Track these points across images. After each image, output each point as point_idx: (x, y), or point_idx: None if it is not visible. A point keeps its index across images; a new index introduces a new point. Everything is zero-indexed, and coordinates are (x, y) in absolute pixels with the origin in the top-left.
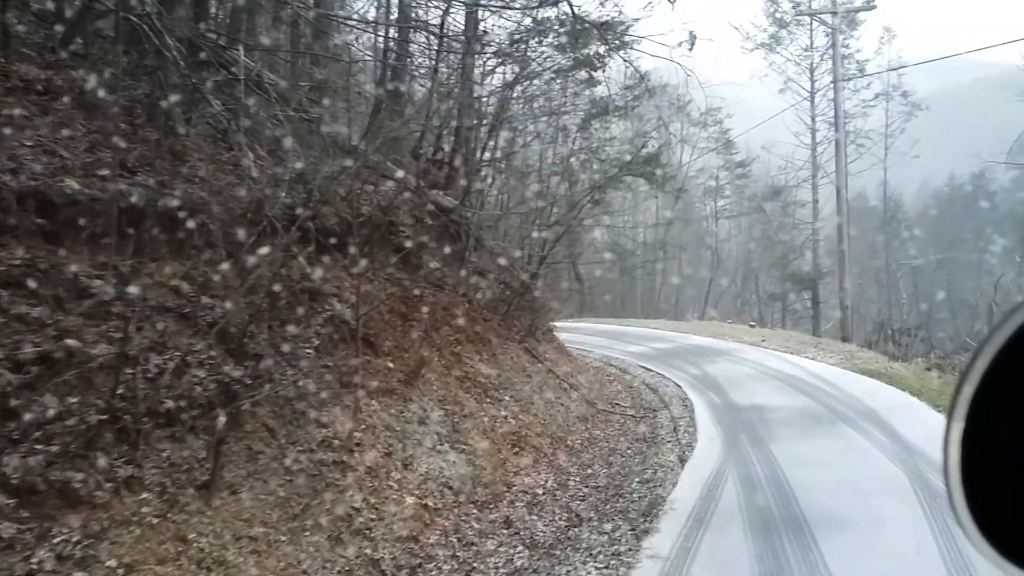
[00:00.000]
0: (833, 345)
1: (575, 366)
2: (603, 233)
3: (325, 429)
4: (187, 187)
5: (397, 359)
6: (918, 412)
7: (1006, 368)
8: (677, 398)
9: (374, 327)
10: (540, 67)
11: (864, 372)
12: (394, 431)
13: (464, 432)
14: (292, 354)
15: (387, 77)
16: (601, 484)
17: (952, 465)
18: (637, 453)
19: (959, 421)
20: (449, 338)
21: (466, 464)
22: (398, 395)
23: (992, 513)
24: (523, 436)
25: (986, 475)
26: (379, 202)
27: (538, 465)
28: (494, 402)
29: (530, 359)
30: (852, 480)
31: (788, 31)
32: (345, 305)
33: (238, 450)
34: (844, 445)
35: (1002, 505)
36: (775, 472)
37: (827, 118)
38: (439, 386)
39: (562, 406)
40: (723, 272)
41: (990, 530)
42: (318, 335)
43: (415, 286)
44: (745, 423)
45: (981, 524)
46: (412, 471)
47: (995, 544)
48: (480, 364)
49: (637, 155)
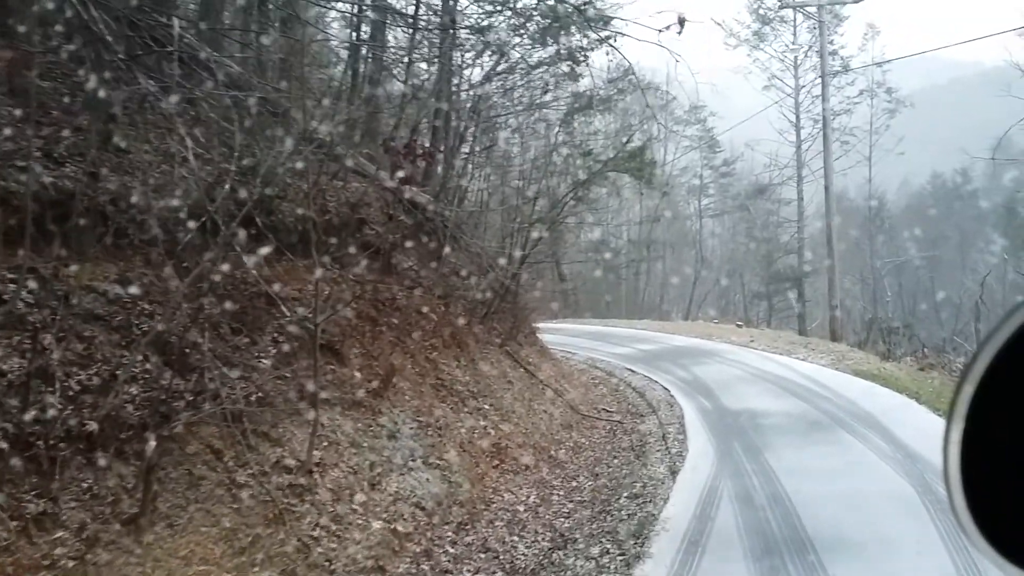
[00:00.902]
0: (823, 345)
1: (559, 370)
2: (588, 231)
3: (280, 449)
4: (124, 179)
5: (365, 368)
6: (917, 416)
7: (1006, 368)
8: (665, 403)
9: (339, 333)
10: (520, 57)
11: (857, 373)
12: (360, 448)
13: (439, 446)
14: (244, 365)
15: (358, 63)
16: (587, 499)
17: (952, 465)
18: (625, 463)
19: (959, 421)
20: (424, 343)
21: (441, 481)
22: (366, 407)
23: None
24: (503, 448)
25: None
26: (348, 198)
27: (519, 479)
28: (472, 411)
29: (512, 363)
30: (857, 494)
31: (772, 27)
32: (307, 310)
33: (177, 476)
34: (844, 454)
35: (1002, 505)
36: (773, 486)
37: (812, 115)
38: (412, 396)
39: (545, 413)
40: (708, 271)
41: (990, 530)
42: (275, 343)
43: (387, 288)
44: (738, 430)
45: (981, 524)
46: (380, 492)
47: (995, 544)
48: (457, 371)
49: (622, 150)
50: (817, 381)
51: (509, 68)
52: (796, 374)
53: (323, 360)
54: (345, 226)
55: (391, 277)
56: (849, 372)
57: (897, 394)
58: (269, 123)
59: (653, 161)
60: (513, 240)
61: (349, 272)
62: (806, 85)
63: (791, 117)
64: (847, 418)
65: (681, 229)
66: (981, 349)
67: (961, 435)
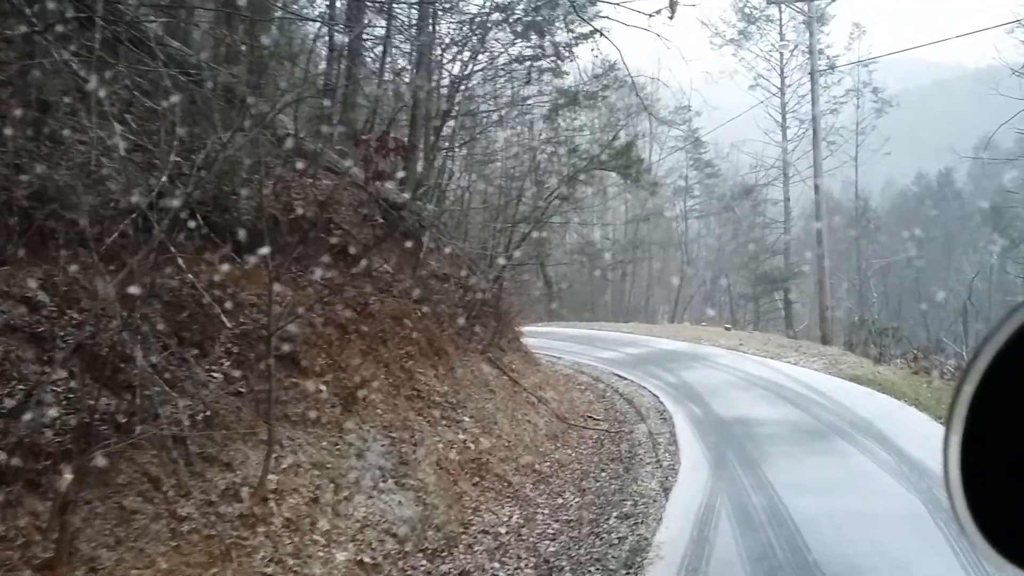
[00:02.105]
0: (814, 348)
1: (544, 376)
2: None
3: (231, 474)
4: (51, 171)
5: (332, 380)
6: (918, 423)
7: (1006, 368)
8: (655, 410)
9: (303, 343)
10: (502, 48)
11: (851, 378)
12: (324, 469)
13: (413, 464)
14: (192, 381)
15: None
16: (573, 518)
17: (952, 465)
18: (613, 477)
19: (959, 421)
20: (399, 351)
21: (414, 503)
22: (331, 424)
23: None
24: (484, 463)
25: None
26: (316, 196)
27: (501, 497)
28: (451, 424)
29: (494, 371)
30: (863, 512)
31: (758, 26)
32: (270, 318)
33: (105, 511)
34: (845, 465)
35: (1002, 506)
36: (773, 503)
37: (797, 115)
38: (384, 409)
39: (529, 424)
40: (694, 273)
41: (990, 530)
42: (229, 355)
43: (359, 293)
44: (732, 439)
45: (981, 524)
46: (345, 518)
47: (995, 544)
48: (435, 380)
49: (609, 146)
50: (811, 386)
51: (490, 60)
52: (789, 379)
53: (283, 373)
54: (313, 226)
55: (364, 281)
56: (843, 377)
57: (895, 400)
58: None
59: (640, 159)
60: (496, 241)
61: (316, 276)
62: (792, 85)
63: (777, 117)
64: (845, 426)
65: (667, 230)
66: (981, 349)
67: (961, 435)
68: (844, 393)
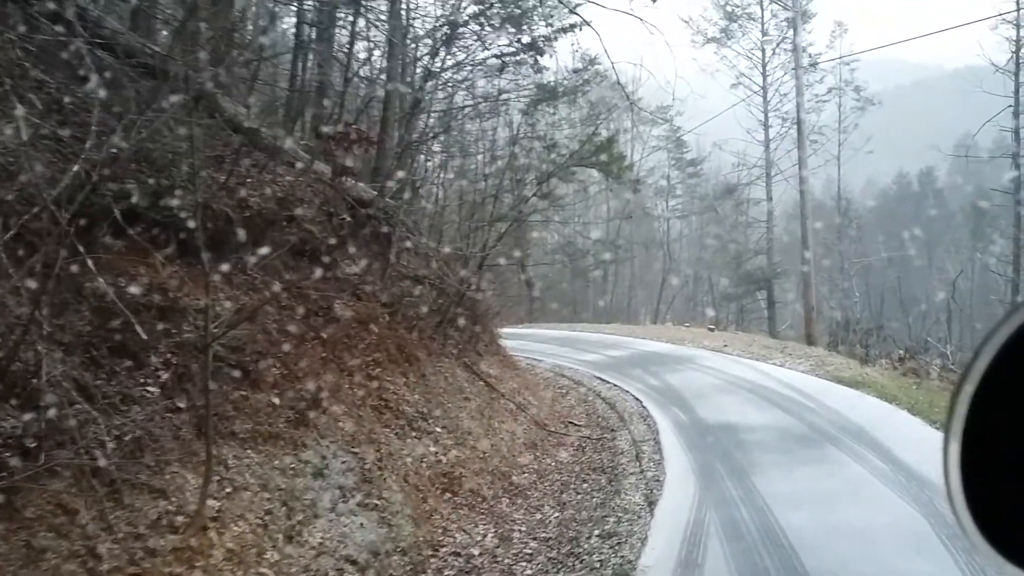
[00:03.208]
0: (799, 349)
1: (523, 381)
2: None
3: (164, 502)
4: None
5: (287, 391)
6: (913, 430)
7: (1006, 368)
8: (638, 415)
9: (254, 352)
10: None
11: (839, 380)
12: (276, 491)
13: (378, 481)
14: (122, 396)
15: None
16: (552, 536)
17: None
18: (595, 489)
19: (959, 420)
20: (365, 359)
21: (379, 525)
22: (285, 440)
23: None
24: (457, 477)
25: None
26: (275, 192)
27: (475, 513)
28: (421, 435)
29: (469, 377)
30: (863, 528)
31: (739, 24)
32: (214, 324)
33: (9, 550)
34: (839, 475)
35: (1002, 506)
36: (766, 518)
37: (780, 113)
38: (347, 422)
39: (507, 432)
40: (676, 273)
41: (990, 530)
42: (168, 366)
43: (322, 296)
44: (719, 447)
45: (981, 524)
46: (299, 545)
47: (995, 544)
48: (405, 389)
49: (589, 140)
50: (798, 389)
51: (467, 53)
52: (775, 382)
53: (231, 385)
54: (270, 224)
55: (327, 283)
56: (831, 379)
57: (885, 403)
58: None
59: (622, 155)
60: (473, 240)
61: (274, 278)
62: (774, 83)
63: (759, 116)
64: (837, 432)
65: (649, 230)
66: (981, 349)
67: (961, 435)
68: (833, 396)
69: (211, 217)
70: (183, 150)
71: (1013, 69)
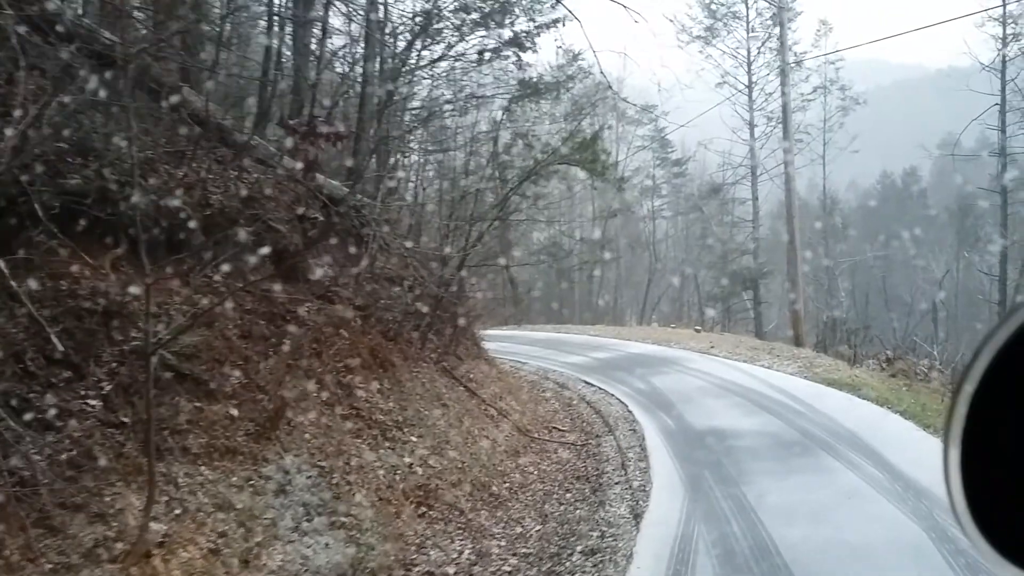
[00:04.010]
0: (787, 350)
1: (505, 385)
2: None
3: (103, 526)
4: None
5: (247, 402)
6: (907, 435)
7: (1006, 368)
8: (624, 420)
9: (211, 359)
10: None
11: (828, 382)
12: (232, 511)
13: (346, 496)
14: (60, 410)
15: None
16: (533, 551)
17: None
18: (579, 500)
19: (959, 420)
20: (335, 365)
21: (346, 544)
22: (244, 455)
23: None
24: (433, 489)
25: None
26: (239, 189)
27: (451, 528)
28: (395, 446)
29: (449, 382)
30: (861, 544)
31: (724, 23)
32: (166, 328)
33: None
34: (833, 485)
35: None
36: (757, 533)
37: (765, 112)
38: (315, 433)
39: (487, 439)
40: (662, 274)
41: (990, 530)
42: (112, 376)
43: (290, 299)
44: (707, 455)
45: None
46: (256, 571)
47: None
48: (378, 396)
49: (573, 134)
50: (788, 392)
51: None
52: (764, 384)
53: (185, 396)
54: (234, 223)
55: (297, 286)
56: (820, 381)
57: (876, 406)
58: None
59: (606, 152)
60: (452, 240)
61: (237, 280)
62: (759, 82)
63: (744, 115)
64: (829, 438)
65: (635, 230)
66: (981, 349)
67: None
68: (823, 400)
69: (167, 216)
70: (137, 143)
71: (999, 67)
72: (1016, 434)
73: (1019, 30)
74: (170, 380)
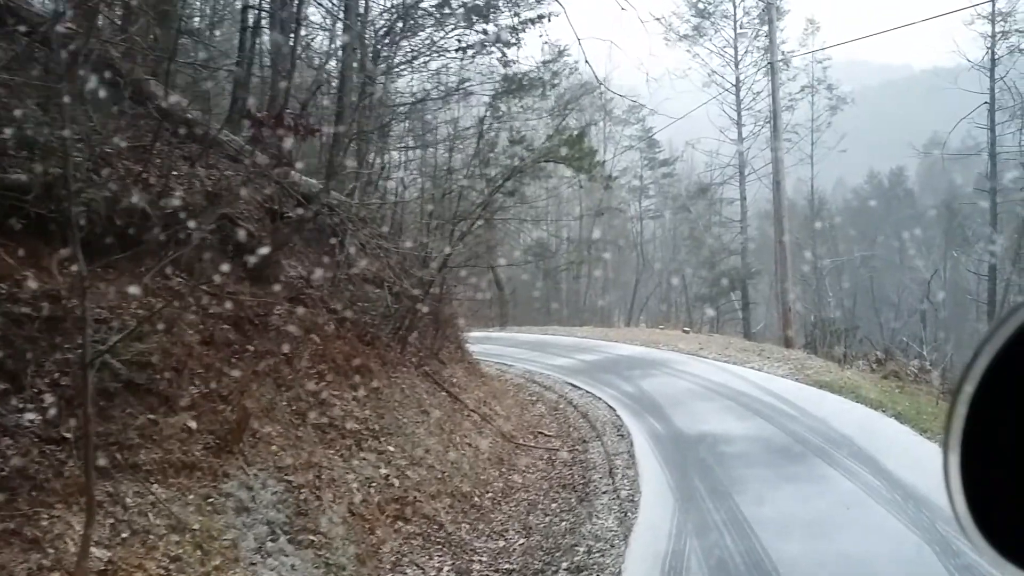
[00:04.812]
0: (777, 352)
1: (490, 389)
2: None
3: (38, 554)
4: None
5: (206, 413)
6: (902, 439)
7: (1006, 368)
8: (611, 424)
9: (167, 367)
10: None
11: (820, 384)
12: (188, 532)
13: (315, 513)
14: None
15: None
16: (516, 567)
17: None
18: (565, 509)
19: (959, 420)
20: (308, 372)
21: (314, 565)
22: (203, 470)
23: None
24: (411, 502)
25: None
26: (203, 185)
27: (430, 544)
28: (371, 456)
29: (430, 387)
30: (862, 560)
31: (711, 22)
32: (118, 335)
33: None
34: (830, 494)
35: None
36: (753, 548)
37: (752, 112)
38: (282, 445)
39: (469, 447)
40: (649, 274)
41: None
42: (55, 388)
43: (258, 302)
44: (698, 462)
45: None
46: None
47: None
48: (353, 404)
49: (557, 132)
50: (779, 395)
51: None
52: (754, 387)
53: (138, 407)
54: (197, 220)
55: (266, 288)
56: (811, 383)
57: (870, 409)
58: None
59: (593, 150)
60: (436, 239)
61: (201, 283)
62: (746, 81)
63: (732, 114)
64: (823, 444)
65: (622, 231)
66: (981, 349)
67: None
68: (815, 403)
69: (122, 214)
70: (85, 136)
71: (988, 65)
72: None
73: (1008, 27)
74: (120, 391)
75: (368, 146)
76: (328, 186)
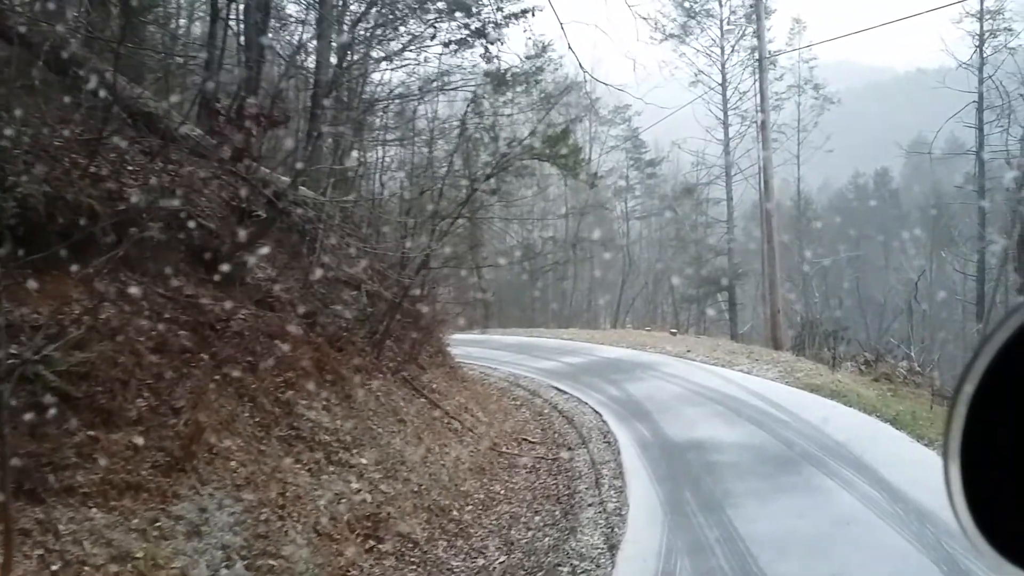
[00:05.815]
0: (766, 354)
1: (472, 394)
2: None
3: None
4: None
5: (155, 428)
6: (899, 447)
7: (1006, 368)
8: (597, 431)
9: (113, 378)
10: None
11: (811, 388)
12: (131, 561)
13: (277, 534)
14: None
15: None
16: None
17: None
18: (548, 523)
19: (959, 420)
20: (273, 380)
21: None
22: (150, 491)
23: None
24: (384, 518)
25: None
26: (163, 182)
27: (404, 564)
28: (341, 470)
29: (408, 394)
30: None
31: (698, 21)
32: (61, 347)
33: None
34: (828, 508)
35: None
36: (748, 567)
37: (739, 112)
38: (243, 460)
39: (448, 456)
40: (636, 275)
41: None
42: None
43: (219, 307)
44: (688, 472)
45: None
46: None
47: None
48: (323, 414)
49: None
50: (770, 400)
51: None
52: (744, 391)
53: (77, 423)
54: (153, 220)
55: (230, 290)
56: (802, 387)
57: (865, 415)
58: None
59: (578, 148)
60: (414, 238)
61: (156, 285)
62: (733, 80)
63: (718, 114)
64: (818, 451)
65: (608, 231)
66: (981, 349)
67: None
68: (807, 407)
69: (67, 210)
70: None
71: (976, 64)
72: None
73: (996, 26)
74: (56, 404)
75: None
76: (296, 182)
